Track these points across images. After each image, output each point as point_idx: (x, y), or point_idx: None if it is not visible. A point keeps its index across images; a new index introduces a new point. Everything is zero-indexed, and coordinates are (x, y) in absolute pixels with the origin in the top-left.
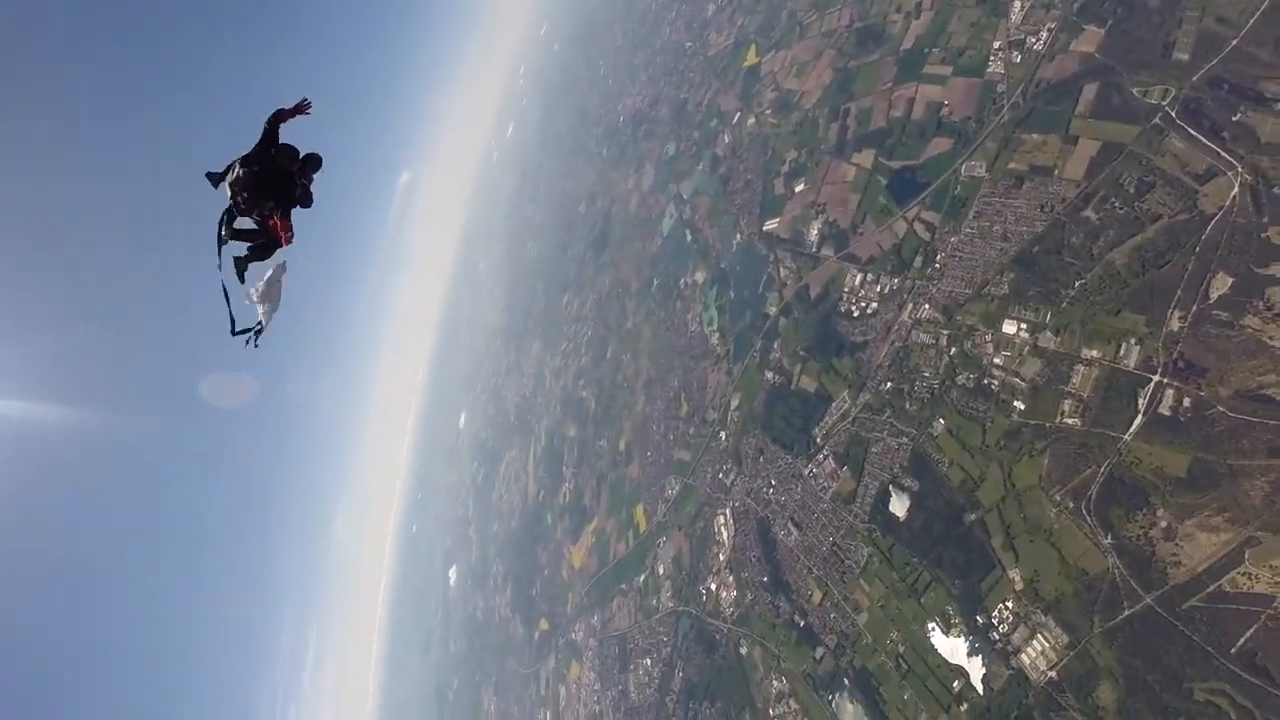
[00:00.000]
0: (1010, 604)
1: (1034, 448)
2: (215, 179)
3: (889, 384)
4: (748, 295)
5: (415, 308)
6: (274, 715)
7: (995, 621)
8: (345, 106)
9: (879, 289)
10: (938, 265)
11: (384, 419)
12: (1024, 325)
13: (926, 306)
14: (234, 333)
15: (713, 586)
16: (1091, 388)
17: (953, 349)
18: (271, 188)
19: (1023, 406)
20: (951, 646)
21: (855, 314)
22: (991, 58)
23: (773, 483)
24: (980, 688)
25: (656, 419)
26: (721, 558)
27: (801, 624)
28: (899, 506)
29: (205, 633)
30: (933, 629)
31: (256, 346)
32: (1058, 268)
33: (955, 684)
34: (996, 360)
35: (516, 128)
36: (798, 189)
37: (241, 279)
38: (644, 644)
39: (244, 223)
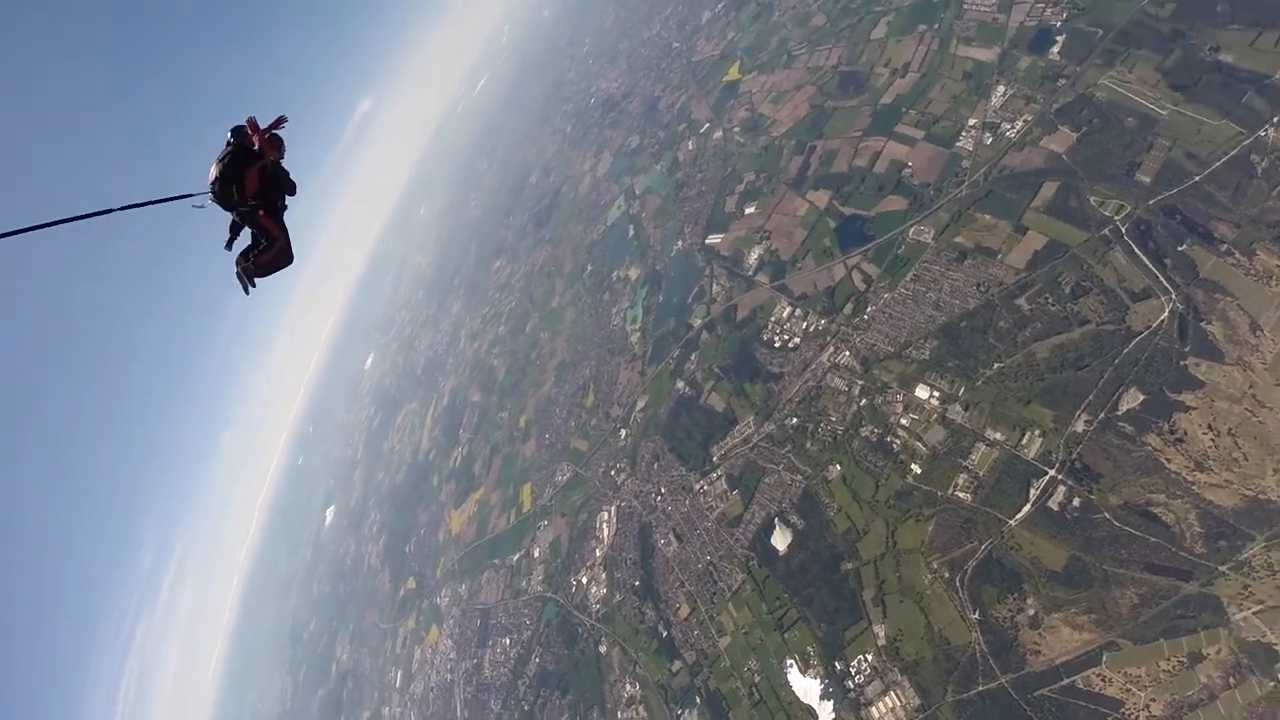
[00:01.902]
0: (870, 657)
1: (922, 513)
2: (231, 240)
3: (795, 420)
4: (676, 302)
5: (348, 234)
6: (121, 630)
7: (853, 671)
8: (319, 17)
9: (805, 326)
10: (866, 317)
11: (295, 339)
12: (937, 393)
13: (847, 354)
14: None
15: (584, 580)
16: (989, 468)
17: (863, 400)
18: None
19: (919, 471)
20: (806, 687)
21: (777, 344)
22: (964, 133)
23: (663, 491)
24: None
25: (561, 403)
26: (598, 553)
27: (664, 635)
28: (781, 540)
29: (61, 531)
30: (791, 665)
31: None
32: (981, 346)
33: None
34: (903, 421)
35: (488, 83)
36: (748, 210)
37: (248, 291)
38: (506, 623)
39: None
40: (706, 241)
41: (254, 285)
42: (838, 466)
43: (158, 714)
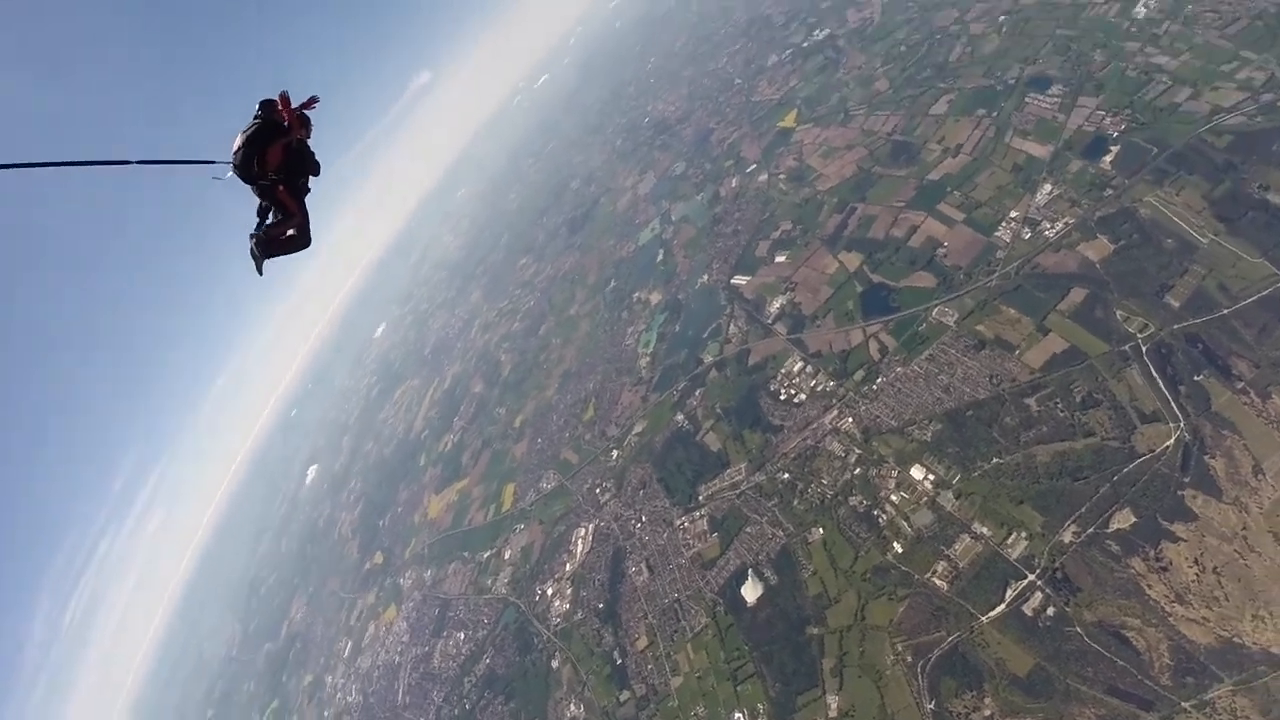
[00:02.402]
0: None
1: (896, 592)
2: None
3: (787, 475)
4: (691, 335)
5: (384, 198)
6: (83, 542)
7: None
8: None
9: (813, 384)
10: (876, 387)
11: (310, 292)
12: (931, 477)
13: (850, 420)
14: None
15: (549, 591)
16: (970, 560)
17: (858, 469)
18: (289, 167)
19: (901, 550)
20: None
21: (783, 397)
22: (1004, 223)
23: (643, 519)
24: None
25: (560, 411)
26: (568, 568)
27: (618, 662)
28: (751, 592)
29: (44, 429)
30: (738, 719)
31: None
32: (983, 438)
33: None
34: (893, 497)
35: (549, 82)
36: (778, 258)
37: (260, 271)
38: (465, 617)
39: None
40: (732, 281)
41: (264, 267)
42: (821, 530)
43: (107, 626)
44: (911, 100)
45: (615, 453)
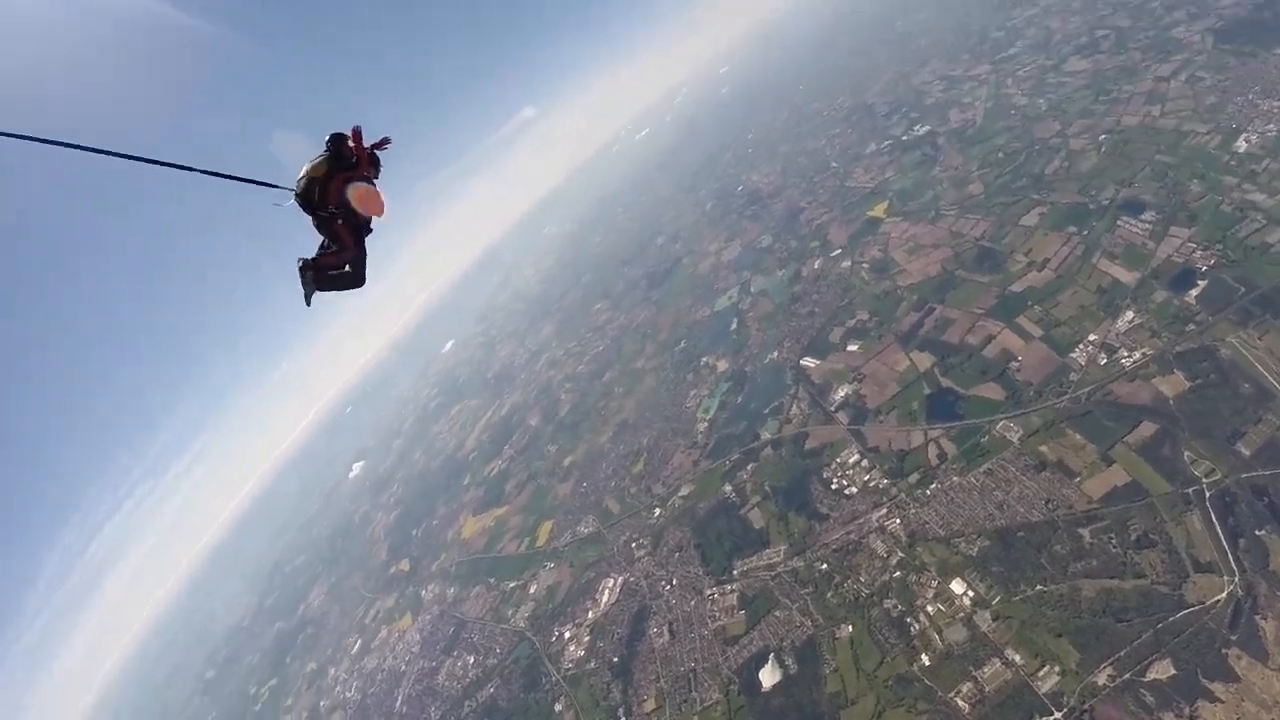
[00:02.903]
0: None
1: (916, 705)
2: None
3: (825, 566)
4: (752, 409)
5: (473, 221)
6: (122, 484)
7: None
8: (519, 15)
9: (866, 479)
10: (929, 492)
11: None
12: (971, 593)
13: (898, 521)
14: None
15: (567, 635)
16: (997, 686)
17: (897, 573)
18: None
19: (928, 663)
20: None
21: (834, 486)
22: (1081, 345)
23: (674, 582)
24: None
25: (610, 460)
26: (590, 615)
27: (622, 719)
28: (769, 677)
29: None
30: None
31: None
32: (1030, 562)
33: None
34: (929, 608)
35: (649, 136)
36: (850, 347)
37: (309, 301)
38: (478, 642)
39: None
40: (801, 362)
41: (313, 299)
42: (850, 627)
43: (123, 573)
44: (1003, 207)
45: (658, 511)
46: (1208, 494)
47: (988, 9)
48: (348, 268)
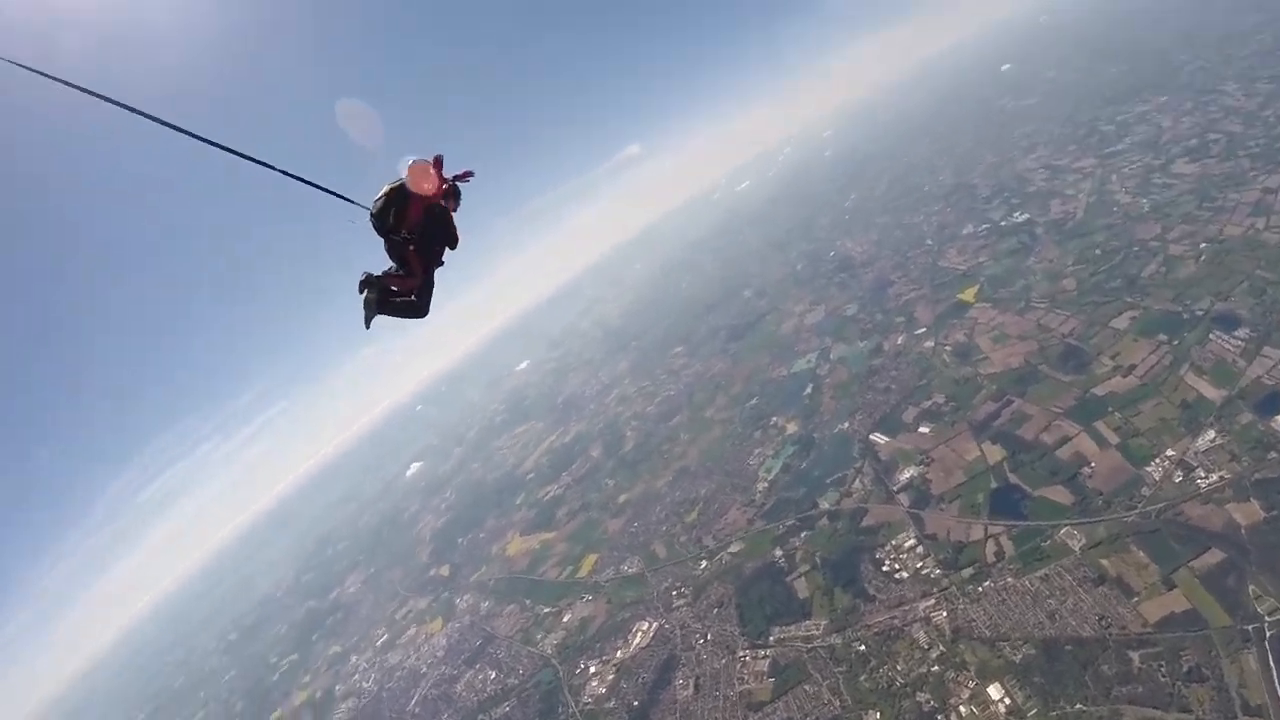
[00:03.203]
0: None
1: None
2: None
3: (863, 647)
4: (815, 476)
5: (566, 246)
6: (194, 436)
7: None
8: (635, 64)
9: (919, 566)
10: (981, 589)
11: (475, 302)
12: (1008, 700)
13: (944, 614)
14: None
15: (592, 669)
16: None
17: (935, 667)
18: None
19: None
20: None
21: (885, 568)
22: (1158, 459)
23: (708, 637)
24: None
25: (665, 504)
26: (619, 654)
27: None
28: None
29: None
30: None
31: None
32: (1074, 678)
33: None
34: (963, 708)
35: (749, 189)
36: (922, 429)
37: (368, 324)
38: (503, 659)
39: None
40: (870, 437)
41: (372, 322)
42: (878, 715)
43: (169, 524)
44: (1095, 306)
45: (704, 563)
46: (1268, 633)
47: (1098, 101)
48: (413, 296)
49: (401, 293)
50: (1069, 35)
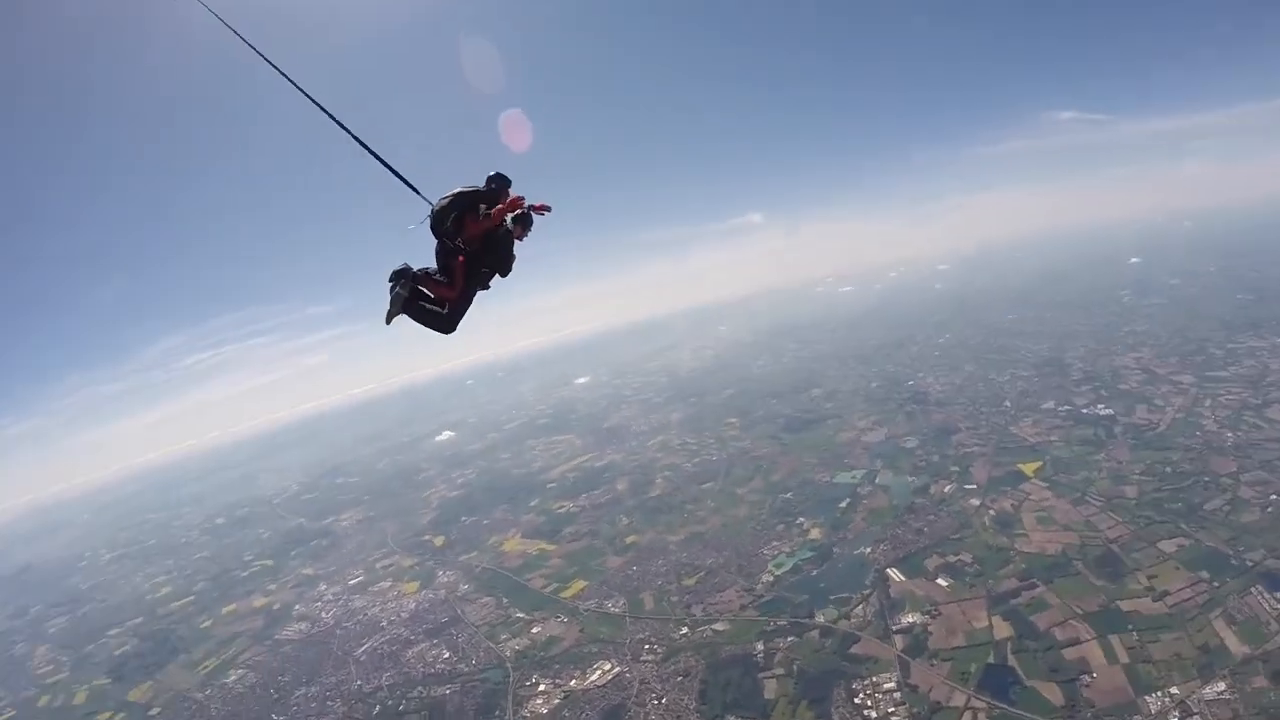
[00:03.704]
0: None
1: None
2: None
3: None
4: (821, 588)
5: (655, 286)
6: (261, 325)
7: None
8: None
9: (890, 711)
10: None
11: (552, 304)
12: None
13: None
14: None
15: (542, 687)
16: None
17: None
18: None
19: None
20: None
21: (857, 700)
22: (1160, 693)
23: (664, 700)
24: None
25: (669, 560)
26: (572, 683)
27: None
28: None
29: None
30: None
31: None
32: None
33: None
34: None
35: (851, 293)
36: (940, 581)
37: (389, 320)
38: (461, 644)
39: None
40: (888, 570)
41: (394, 319)
42: None
43: (213, 392)
44: (1148, 522)
45: (685, 629)
46: None
47: (1215, 323)
48: (444, 308)
49: (435, 300)
50: (1207, 248)
